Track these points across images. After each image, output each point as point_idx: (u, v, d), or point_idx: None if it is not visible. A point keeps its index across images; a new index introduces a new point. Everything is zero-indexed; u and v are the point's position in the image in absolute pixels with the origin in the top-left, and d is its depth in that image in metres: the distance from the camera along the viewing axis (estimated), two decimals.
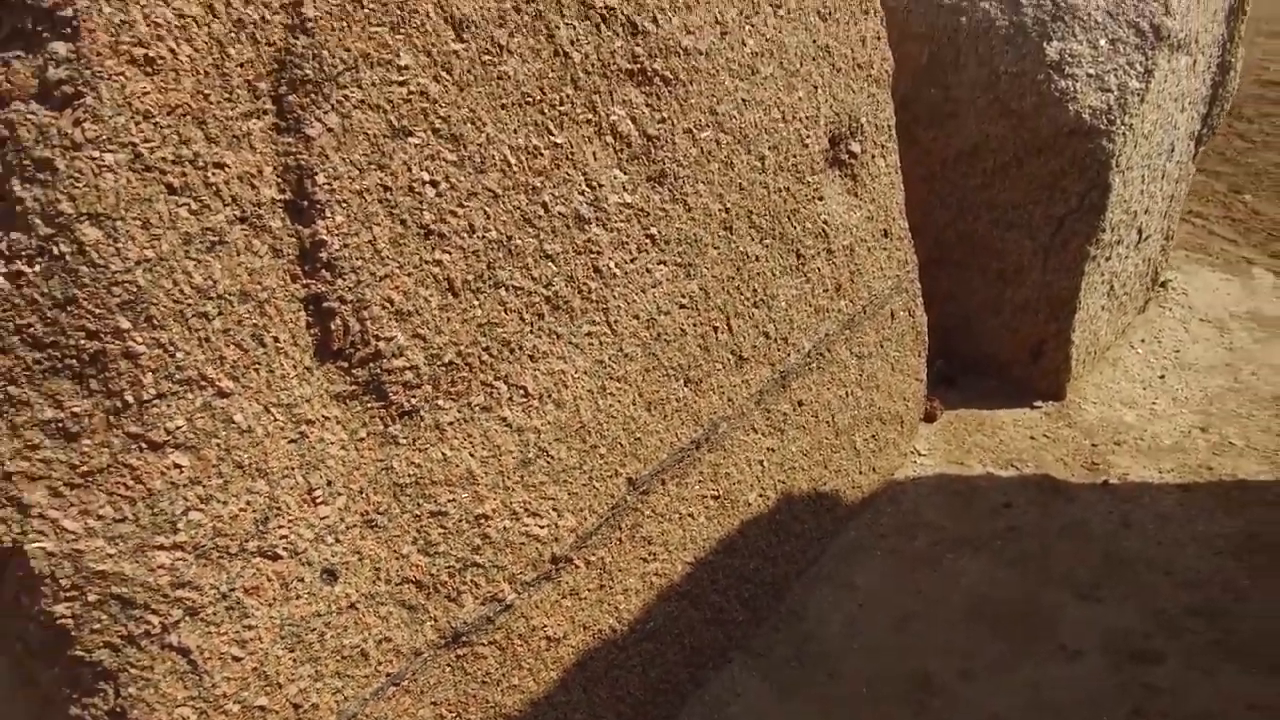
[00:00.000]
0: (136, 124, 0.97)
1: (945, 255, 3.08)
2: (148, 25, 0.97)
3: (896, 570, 2.36)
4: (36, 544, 1.00)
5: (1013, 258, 2.96)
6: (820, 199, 2.14)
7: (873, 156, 2.34)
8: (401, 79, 1.20)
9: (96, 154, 0.95)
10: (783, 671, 2.09)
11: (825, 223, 2.17)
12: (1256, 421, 2.94)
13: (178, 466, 1.06)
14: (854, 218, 2.30)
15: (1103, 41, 2.71)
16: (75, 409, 0.99)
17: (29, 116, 0.92)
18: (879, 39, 2.31)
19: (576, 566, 1.64)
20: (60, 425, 0.99)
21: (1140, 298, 3.50)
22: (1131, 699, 1.96)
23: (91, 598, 1.03)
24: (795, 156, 2.02)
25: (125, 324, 0.99)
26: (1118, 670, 2.04)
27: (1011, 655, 2.10)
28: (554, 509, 1.57)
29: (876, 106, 2.33)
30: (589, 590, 1.68)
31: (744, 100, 1.84)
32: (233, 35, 1.04)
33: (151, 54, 0.97)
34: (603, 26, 1.49)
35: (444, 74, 1.26)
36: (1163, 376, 3.21)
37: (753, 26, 1.83)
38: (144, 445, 1.03)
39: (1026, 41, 2.76)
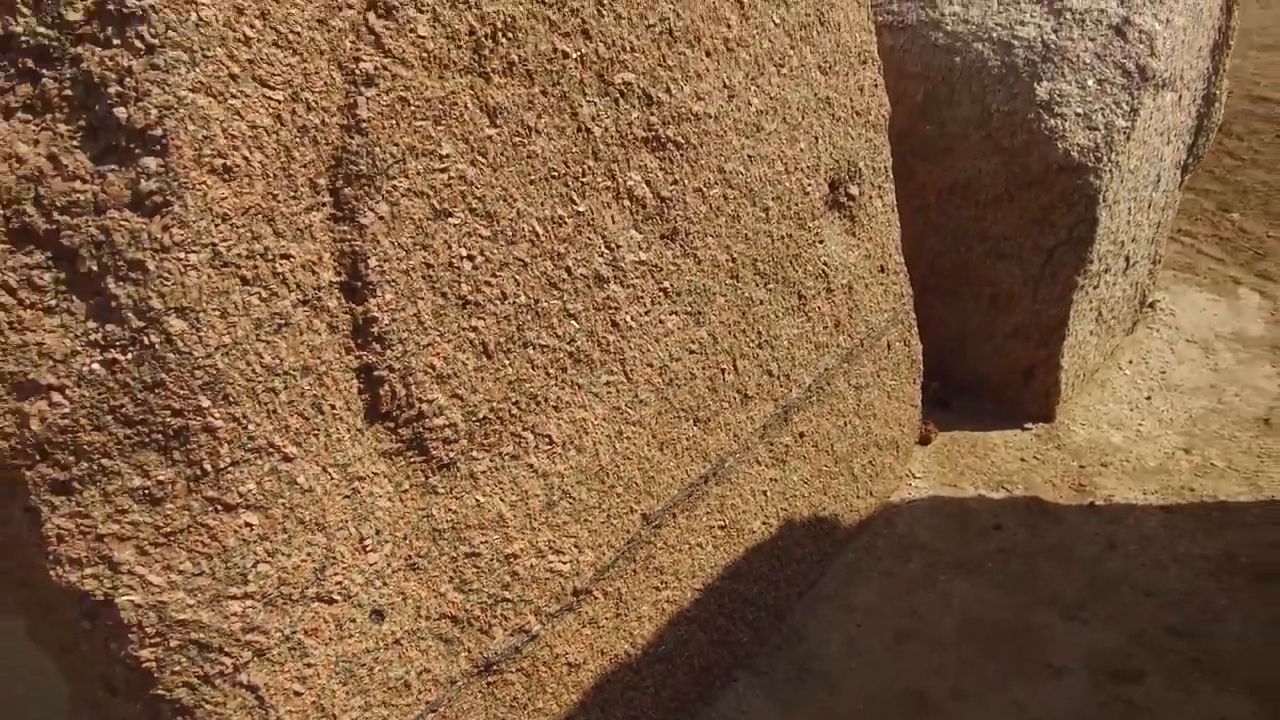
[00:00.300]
0: (216, 226, 1.09)
1: (940, 283, 3.20)
2: (226, 138, 1.09)
3: (892, 591, 2.49)
4: (126, 597, 1.12)
5: (1004, 286, 3.09)
6: (821, 242, 2.26)
7: (870, 198, 2.46)
8: (443, 166, 1.33)
9: (182, 255, 1.07)
10: (785, 689, 2.22)
11: (825, 264, 2.29)
12: (1238, 443, 3.06)
13: (248, 525, 1.18)
14: (852, 256, 2.42)
15: (1090, 82, 2.84)
16: (160, 477, 1.11)
17: (123, 223, 1.04)
18: (876, 86, 2.43)
19: (595, 597, 1.77)
20: (147, 492, 1.11)
21: (1128, 320, 3.63)
22: (1113, 716, 2.09)
23: (173, 643, 1.15)
24: (797, 204, 2.14)
25: (206, 402, 1.11)
26: (1100, 689, 2.16)
27: (1000, 674, 2.23)
28: (575, 546, 1.69)
29: (874, 150, 2.45)
30: (606, 619, 1.81)
31: (750, 156, 1.96)
32: (297, 139, 1.16)
33: (229, 163, 1.09)
34: (621, 101, 1.62)
35: (480, 158, 1.38)
36: (1149, 398, 3.34)
37: (758, 87, 1.95)
38: (219, 507, 1.16)
39: (1018, 81, 2.88)
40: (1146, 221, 3.32)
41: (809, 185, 2.18)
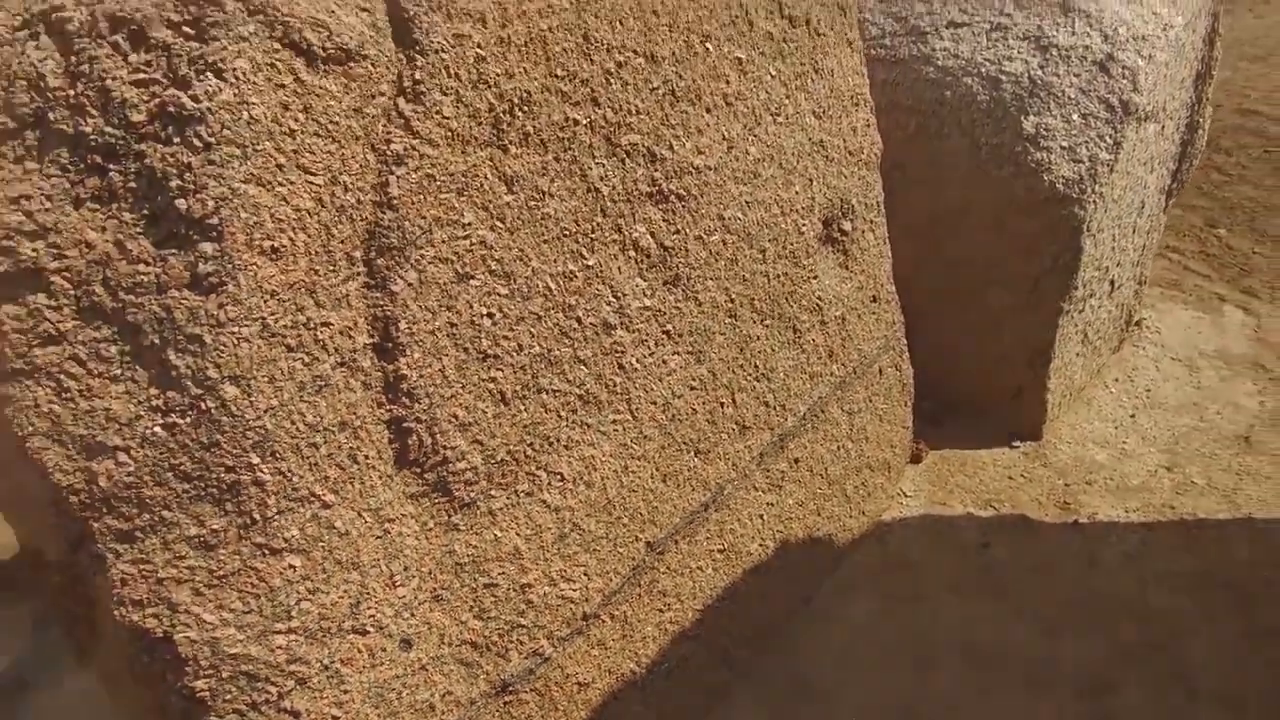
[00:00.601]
0: (265, 302, 1.21)
1: (932, 305, 3.32)
2: (274, 222, 1.21)
3: (884, 607, 2.61)
4: (183, 634, 1.24)
5: (993, 310, 3.20)
6: (815, 277, 2.38)
7: (863, 232, 2.58)
8: (465, 234, 1.44)
9: (236, 329, 1.19)
10: (780, 703, 2.34)
11: (819, 298, 2.41)
12: (1218, 461, 3.18)
13: (292, 567, 1.30)
14: (845, 289, 2.54)
15: (1075, 116, 2.95)
16: (214, 526, 1.23)
17: (182, 301, 1.16)
18: (868, 126, 2.54)
19: (603, 621, 1.89)
20: (202, 539, 1.23)
21: (1114, 339, 3.75)
22: None
23: (225, 674, 1.27)
24: (792, 244, 2.26)
25: (256, 459, 1.23)
26: (1081, 702, 2.29)
27: (986, 688, 2.35)
28: (585, 574, 1.81)
29: (866, 187, 2.57)
30: (613, 640, 1.93)
31: (747, 202, 2.08)
32: (336, 218, 1.28)
33: (277, 244, 1.21)
34: (627, 160, 1.73)
35: (498, 223, 1.50)
36: (1134, 416, 3.46)
37: (755, 136, 2.07)
38: (267, 551, 1.28)
39: (1005, 115, 3.00)
40: (1131, 246, 3.44)
41: (803, 225, 2.29)
